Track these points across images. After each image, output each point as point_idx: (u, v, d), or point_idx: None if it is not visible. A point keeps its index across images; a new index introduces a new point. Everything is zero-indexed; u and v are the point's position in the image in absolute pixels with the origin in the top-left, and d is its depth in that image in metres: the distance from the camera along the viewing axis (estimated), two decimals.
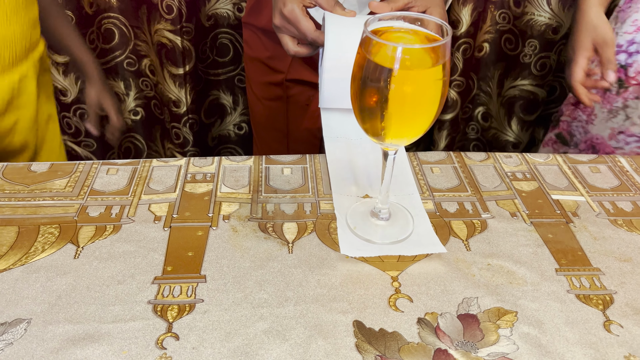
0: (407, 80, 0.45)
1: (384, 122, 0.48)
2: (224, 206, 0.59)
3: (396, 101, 0.46)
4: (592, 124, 0.99)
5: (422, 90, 0.46)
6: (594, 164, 0.69)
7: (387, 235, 0.55)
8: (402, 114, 0.47)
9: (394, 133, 0.49)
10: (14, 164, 0.63)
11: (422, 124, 0.49)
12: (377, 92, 0.46)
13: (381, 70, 0.44)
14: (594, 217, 0.59)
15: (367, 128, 0.50)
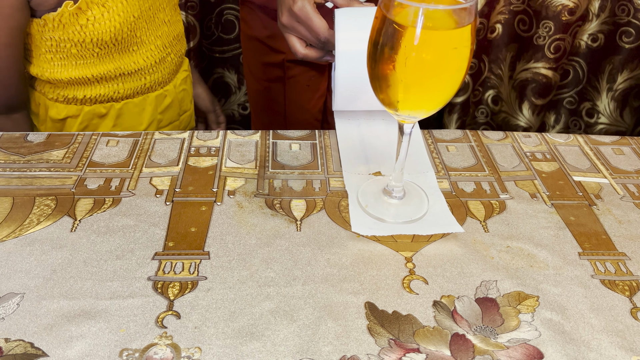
0: (430, 42, 0.42)
1: (403, 90, 0.45)
2: (229, 181, 0.56)
3: (417, 66, 0.43)
4: None
5: (445, 55, 0.43)
6: (617, 145, 0.66)
7: (401, 214, 0.53)
8: (422, 81, 0.44)
9: (412, 102, 0.46)
10: (10, 134, 0.60)
11: (443, 93, 0.46)
12: (396, 56, 0.43)
13: (402, 32, 0.41)
14: (618, 200, 0.56)
15: (384, 98, 0.47)
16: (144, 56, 0.71)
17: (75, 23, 0.61)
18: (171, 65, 0.76)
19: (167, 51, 0.74)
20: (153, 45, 0.71)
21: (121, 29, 0.64)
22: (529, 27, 1.35)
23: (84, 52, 0.64)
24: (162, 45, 0.72)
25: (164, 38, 0.73)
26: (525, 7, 1.34)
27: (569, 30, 1.32)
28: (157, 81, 0.74)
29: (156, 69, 0.73)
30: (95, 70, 0.67)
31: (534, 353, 0.40)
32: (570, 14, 1.29)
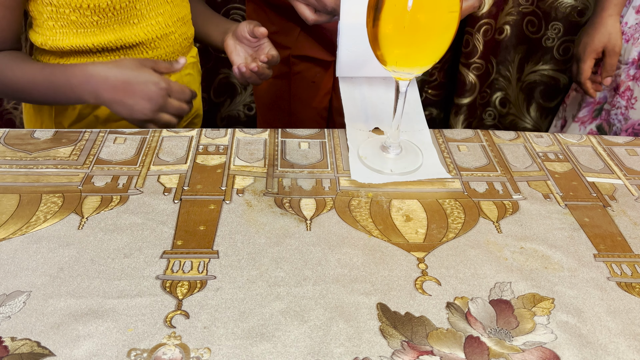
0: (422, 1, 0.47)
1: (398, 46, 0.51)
2: (238, 180, 0.55)
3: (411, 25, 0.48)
4: (633, 108, 0.95)
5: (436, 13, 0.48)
6: (631, 146, 0.65)
7: (397, 167, 0.57)
8: (416, 37, 0.49)
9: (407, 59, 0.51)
10: (17, 130, 0.60)
11: (434, 50, 0.51)
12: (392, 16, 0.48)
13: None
14: (633, 202, 0.55)
15: (381, 55, 0.52)
16: (144, 30, 0.70)
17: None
18: (175, 45, 0.76)
19: (171, 30, 0.74)
20: (154, 21, 0.71)
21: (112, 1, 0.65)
22: (538, 29, 1.34)
23: (83, 19, 0.65)
24: (164, 23, 0.72)
25: (166, 16, 0.72)
26: (534, 9, 1.33)
27: (578, 32, 1.31)
28: (160, 58, 0.74)
29: (158, 44, 0.73)
30: (96, 39, 0.67)
31: (550, 356, 0.39)
32: (580, 15, 1.28)
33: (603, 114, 1.02)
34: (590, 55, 0.96)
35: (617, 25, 0.94)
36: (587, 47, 0.96)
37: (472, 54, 1.33)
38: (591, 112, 1.04)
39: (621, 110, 0.97)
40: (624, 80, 0.95)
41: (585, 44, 0.97)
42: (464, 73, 1.37)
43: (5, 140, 0.58)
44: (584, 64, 0.97)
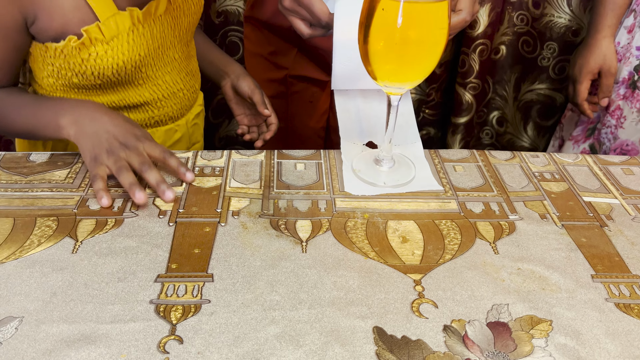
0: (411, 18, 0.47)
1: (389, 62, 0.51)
2: (234, 201, 0.55)
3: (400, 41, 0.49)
4: (622, 127, 0.95)
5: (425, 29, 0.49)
6: (627, 165, 0.65)
7: (390, 180, 0.58)
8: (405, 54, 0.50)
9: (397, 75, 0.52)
10: (12, 153, 0.60)
11: (424, 65, 0.52)
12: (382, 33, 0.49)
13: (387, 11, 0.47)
14: (630, 221, 0.55)
15: (372, 70, 0.53)
16: (150, 90, 0.69)
17: (77, 56, 0.60)
18: (183, 101, 0.74)
19: (179, 87, 0.72)
20: (161, 80, 0.69)
21: (124, 66, 0.62)
22: (533, 49, 1.36)
23: (85, 82, 0.63)
24: (171, 81, 0.70)
25: (174, 74, 0.71)
26: (529, 29, 1.34)
27: (573, 52, 1.32)
28: (167, 116, 0.72)
29: (165, 103, 0.71)
30: (98, 100, 0.65)
31: None
32: (574, 35, 1.29)
33: (596, 133, 1.03)
34: (587, 76, 0.97)
35: (612, 46, 0.95)
36: (583, 69, 0.97)
37: (468, 73, 1.34)
38: (584, 131, 1.04)
39: (611, 129, 0.97)
40: (614, 100, 0.96)
41: (581, 66, 0.98)
42: (460, 93, 1.37)
43: (1, 164, 0.58)
44: (581, 85, 0.98)
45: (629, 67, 0.93)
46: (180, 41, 0.70)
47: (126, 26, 0.60)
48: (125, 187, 0.53)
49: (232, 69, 0.80)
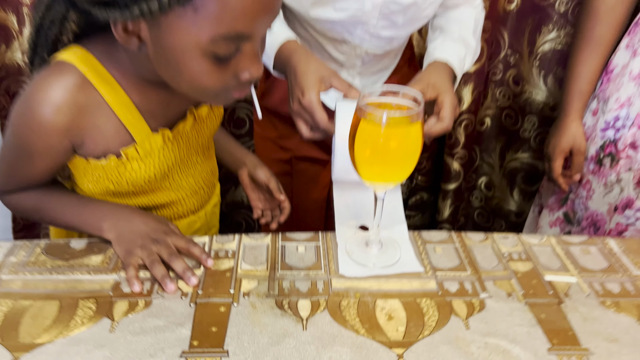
0: (391, 136, 0.59)
1: (372, 168, 0.63)
2: (244, 283, 0.64)
3: (382, 152, 0.60)
4: (591, 199, 1.05)
5: (400, 144, 0.60)
6: (585, 245, 0.74)
7: (379, 262, 0.68)
8: (386, 162, 0.61)
9: (381, 177, 0.63)
10: (55, 241, 0.70)
11: (402, 171, 0.63)
12: (368, 145, 0.60)
13: (372, 129, 0.59)
14: (584, 298, 0.64)
15: (361, 174, 0.64)
16: (175, 192, 0.78)
17: (115, 170, 0.70)
18: (203, 196, 0.85)
19: (200, 185, 0.82)
20: (185, 182, 0.79)
21: (155, 176, 0.73)
22: (515, 121, 1.48)
23: (120, 189, 0.72)
24: (193, 182, 0.81)
25: (197, 175, 0.81)
26: (511, 103, 1.47)
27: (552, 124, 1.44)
28: (189, 210, 0.82)
29: (188, 200, 0.81)
30: (130, 201, 0.75)
31: None
32: (552, 110, 1.41)
33: (569, 203, 1.13)
34: (560, 155, 1.09)
35: (581, 128, 1.06)
36: (556, 149, 1.09)
37: (455, 145, 1.46)
38: (558, 200, 1.15)
39: (582, 200, 1.07)
40: (585, 174, 1.07)
41: (554, 146, 1.09)
42: (448, 162, 1.49)
43: (46, 251, 0.68)
44: (555, 162, 1.09)
45: (596, 146, 1.04)
46: (203, 147, 0.81)
47: (158, 145, 0.71)
48: (158, 279, 0.62)
49: (249, 159, 0.91)
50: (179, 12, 0.53)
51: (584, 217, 1.08)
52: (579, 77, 1.06)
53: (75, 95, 0.63)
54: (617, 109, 1.00)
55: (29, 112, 0.63)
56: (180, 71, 0.59)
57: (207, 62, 0.58)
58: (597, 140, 1.04)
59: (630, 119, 0.98)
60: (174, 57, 0.58)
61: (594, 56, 1.04)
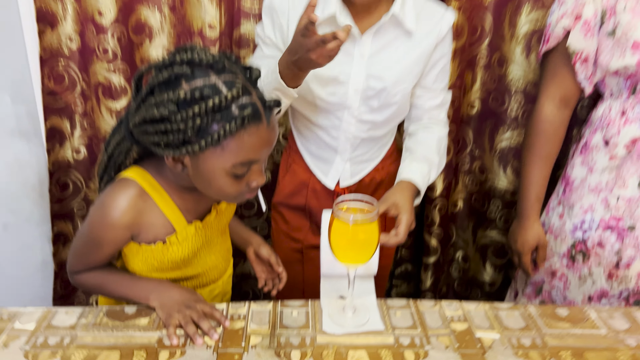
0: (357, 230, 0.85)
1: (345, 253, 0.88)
2: (252, 338, 0.88)
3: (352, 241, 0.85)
4: (569, 289, 1.26)
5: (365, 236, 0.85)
6: (511, 310, 0.98)
7: (352, 323, 0.92)
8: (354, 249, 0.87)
9: (351, 259, 0.88)
10: (112, 307, 0.94)
11: (366, 255, 0.88)
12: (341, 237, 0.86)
13: (343, 226, 0.84)
14: (503, 349, 0.87)
15: (337, 257, 0.88)
16: (200, 266, 1.04)
17: (160, 252, 0.96)
18: (221, 269, 1.10)
19: (219, 261, 1.08)
20: (208, 259, 1.04)
21: (187, 256, 0.99)
22: (483, 204, 1.74)
23: (162, 266, 0.98)
24: (214, 258, 1.06)
25: (217, 253, 1.07)
26: (478, 189, 1.73)
27: (513, 207, 1.70)
28: (211, 280, 1.07)
29: (210, 273, 1.06)
30: (168, 275, 1.00)
31: None
32: (512, 195, 1.67)
33: (544, 293, 1.32)
34: (529, 251, 1.28)
35: (541, 227, 1.28)
36: (525, 246, 1.28)
37: (432, 224, 1.71)
38: (534, 290, 1.34)
39: (560, 290, 1.27)
40: (559, 269, 1.26)
41: (523, 244, 1.28)
42: (427, 239, 1.74)
43: (107, 314, 0.93)
44: (525, 257, 1.29)
45: (567, 245, 1.23)
46: (221, 231, 1.07)
47: (191, 233, 0.97)
48: (190, 335, 0.87)
49: (254, 239, 1.17)
50: (212, 150, 0.81)
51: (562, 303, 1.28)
52: (535, 186, 1.26)
53: (135, 202, 0.90)
54: (582, 214, 1.21)
55: (103, 214, 0.90)
56: (210, 185, 0.87)
57: (229, 179, 0.85)
58: (568, 239, 1.23)
59: (595, 222, 1.19)
60: (207, 176, 0.85)
61: (545, 168, 1.25)
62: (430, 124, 1.21)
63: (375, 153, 1.28)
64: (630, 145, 1.12)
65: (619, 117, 1.13)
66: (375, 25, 1.09)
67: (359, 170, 1.28)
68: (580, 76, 1.15)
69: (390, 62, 1.12)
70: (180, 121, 0.79)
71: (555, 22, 1.15)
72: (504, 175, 1.66)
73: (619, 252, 1.18)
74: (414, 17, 1.10)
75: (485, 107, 1.62)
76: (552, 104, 1.21)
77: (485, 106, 1.62)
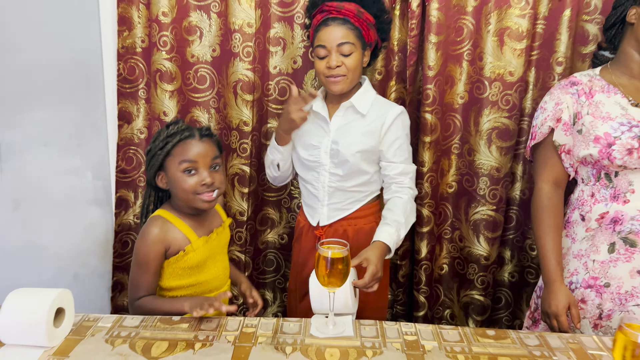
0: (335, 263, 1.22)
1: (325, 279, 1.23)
2: (259, 338, 1.25)
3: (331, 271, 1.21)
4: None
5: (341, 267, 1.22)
6: (453, 330, 1.31)
7: (332, 331, 1.26)
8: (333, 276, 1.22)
9: (328, 284, 1.24)
10: (165, 317, 1.33)
11: (341, 281, 1.23)
12: (322, 267, 1.22)
13: (324, 260, 1.21)
14: (438, 352, 1.21)
15: (320, 282, 1.25)
16: (208, 273, 1.47)
17: (182, 260, 1.40)
18: (221, 280, 1.52)
19: (221, 270, 1.50)
20: (213, 268, 1.48)
21: (198, 263, 1.42)
22: (464, 267, 2.08)
23: (180, 271, 1.42)
24: (217, 269, 1.49)
25: (219, 266, 1.50)
26: (459, 254, 2.08)
27: (488, 269, 2.03)
28: (214, 287, 1.49)
29: (214, 281, 1.48)
30: (186, 281, 1.43)
31: None
32: (486, 260, 2.02)
33: None
34: (563, 311, 1.41)
35: (567, 288, 1.44)
36: (559, 307, 1.41)
37: (420, 282, 2.05)
38: None
39: None
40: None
41: (557, 306, 1.41)
42: (416, 295, 2.07)
43: (159, 320, 1.31)
44: (562, 318, 1.41)
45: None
46: (221, 249, 1.53)
47: (202, 243, 1.43)
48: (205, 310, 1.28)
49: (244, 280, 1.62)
50: (169, 159, 1.36)
51: None
52: (552, 253, 1.45)
53: (161, 226, 1.39)
54: (569, 277, 1.48)
55: (144, 239, 1.37)
56: (177, 186, 1.38)
57: (182, 175, 1.37)
58: None
59: (579, 282, 1.45)
60: (173, 180, 1.38)
61: (557, 237, 1.47)
62: (398, 189, 1.63)
63: (347, 205, 1.70)
64: (599, 219, 1.43)
65: (589, 198, 1.47)
66: (339, 110, 1.66)
67: (334, 215, 1.71)
68: (566, 164, 1.48)
69: (347, 134, 1.64)
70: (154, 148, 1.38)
71: (540, 123, 1.50)
72: (478, 243, 2.01)
73: (599, 305, 1.45)
74: (368, 105, 1.64)
75: (460, 187, 2.02)
76: (548, 185, 1.50)
77: (460, 186, 2.02)
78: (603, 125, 1.40)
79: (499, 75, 1.87)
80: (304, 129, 1.68)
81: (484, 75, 1.88)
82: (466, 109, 1.94)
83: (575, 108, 1.46)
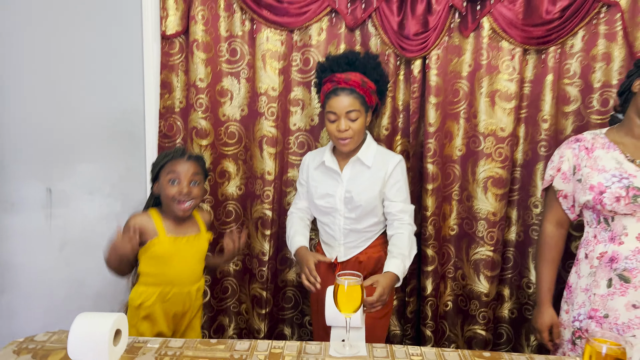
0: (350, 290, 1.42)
1: (341, 306, 1.43)
2: (286, 358, 1.45)
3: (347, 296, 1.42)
4: None
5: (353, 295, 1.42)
6: (453, 352, 1.51)
7: (348, 352, 1.44)
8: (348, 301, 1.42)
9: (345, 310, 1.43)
10: (203, 339, 1.54)
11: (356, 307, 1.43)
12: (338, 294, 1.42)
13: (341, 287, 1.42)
14: None
15: (338, 308, 1.44)
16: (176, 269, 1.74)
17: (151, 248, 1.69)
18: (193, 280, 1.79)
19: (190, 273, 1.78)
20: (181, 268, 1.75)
21: (163, 255, 1.70)
22: (466, 304, 2.27)
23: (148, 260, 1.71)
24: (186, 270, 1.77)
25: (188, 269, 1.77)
26: (462, 292, 2.28)
27: (488, 305, 2.22)
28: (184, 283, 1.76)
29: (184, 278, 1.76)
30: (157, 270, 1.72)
31: None
32: (487, 297, 2.21)
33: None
34: (546, 329, 1.73)
35: (553, 311, 1.72)
36: (543, 325, 1.73)
37: (426, 317, 2.24)
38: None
39: None
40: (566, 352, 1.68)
41: (542, 323, 1.74)
42: (423, 330, 2.26)
43: (200, 343, 1.52)
44: (544, 333, 1.74)
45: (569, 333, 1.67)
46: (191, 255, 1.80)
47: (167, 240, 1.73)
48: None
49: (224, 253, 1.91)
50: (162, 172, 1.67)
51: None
52: (546, 282, 1.75)
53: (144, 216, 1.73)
54: (577, 309, 1.66)
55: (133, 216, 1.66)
56: (163, 193, 1.70)
57: (168, 185, 1.67)
58: (570, 329, 1.72)
59: (584, 314, 1.63)
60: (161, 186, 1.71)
61: (552, 269, 1.76)
62: (400, 226, 1.86)
63: (361, 243, 1.92)
64: (600, 257, 1.61)
65: (593, 239, 1.69)
66: (348, 164, 1.90)
67: (350, 253, 1.93)
68: (564, 206, 1.73)
69: (357, 183, 1.87)
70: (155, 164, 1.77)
71: (547, 172, 1.77)
72: (479, 280, 2.21)
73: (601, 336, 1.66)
74: (372, 157, 1.88)
75: (461, 229, 2.24)
76: (551, 225, 1.77)
77: (461, 229, 2.24)
78: (598, 176, 1.62)
79: (492, 130, 2.13)
80: (319, 180, 1.95)
81: (479, 131, 2.15)
82: (464, 160, 2.19)
83: (575, 161, 1.72)
